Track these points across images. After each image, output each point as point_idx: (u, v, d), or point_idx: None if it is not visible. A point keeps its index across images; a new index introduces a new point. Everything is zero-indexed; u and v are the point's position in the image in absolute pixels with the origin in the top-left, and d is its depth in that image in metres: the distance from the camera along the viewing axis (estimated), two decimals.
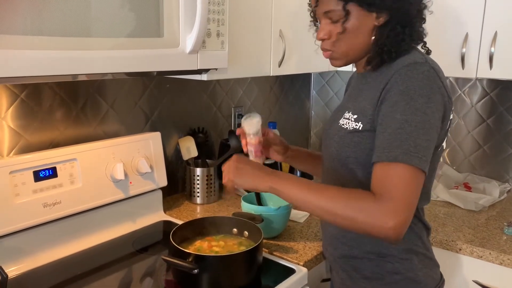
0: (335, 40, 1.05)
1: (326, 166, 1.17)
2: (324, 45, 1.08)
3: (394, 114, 0.95)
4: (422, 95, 0.94)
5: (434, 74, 0.98)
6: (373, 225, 0.90)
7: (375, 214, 0.90)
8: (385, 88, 0.98)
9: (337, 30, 1.03)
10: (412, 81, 0.95)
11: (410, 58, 1.00)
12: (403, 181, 0.91)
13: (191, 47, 1.18)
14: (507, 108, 1.99)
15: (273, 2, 1.55)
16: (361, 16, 1.01)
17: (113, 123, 1.55)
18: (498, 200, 1.85)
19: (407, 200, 0.91)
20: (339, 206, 0.94)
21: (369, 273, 1.10)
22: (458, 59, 1.68)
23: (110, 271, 1.24)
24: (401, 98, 0.95)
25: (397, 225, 0.89)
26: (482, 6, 1.64)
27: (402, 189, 0.91)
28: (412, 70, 0.97)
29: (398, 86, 0.96)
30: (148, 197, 1.55)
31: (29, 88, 1.31)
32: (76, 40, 0.97)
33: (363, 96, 1.06)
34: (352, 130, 1.04)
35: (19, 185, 1.20)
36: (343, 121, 1.08)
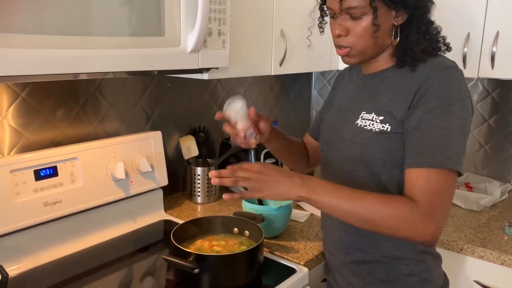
0: (354, 37, 1.02)
1: (339, 169, 1.12)
2: (339, 41, 1.04)
3: (433, 120, 0.95)
4: (459, 100, 0.95)
5: (463, 76, 0.99)
6: (415, 233, 0.92)
7: (417, 223, 0.92)
8: (419, 92, 0.97)
9: (359, 27, 1.00)
10: (449, 86, 0.96)
11: (442, 62, 1.00)
12: (445, 187, 0.94)
13: (192, 46, 1.17)
14: (508, 108, 1.98)
15: (274, 1, 1.54)
16: (382, 14, 0.99)
17: (114, 122, 1.55)
18: (500, 200, 1.84)
19: (446, 206, 0.95)
20: (381, 215, 0.92)
21: (384, 276, 1.09)
22: (460, 58, 1.68)
23: (110, 270, 1.24)
24: (439, 104, 0.95)
25: (436, 230, 0.92)
26: (484, 5, 1.63)
27: (443, 195, 0.94)
28: (447, 74, 0.97)
29: (435, 91, 0.96)
30: (148, 196, 1.55)
31: (30, 87, 1.31)
32: (77, 39, 0.96)
33: (384, 96, 1.04)
34: (378, 132, 1.02)
35: (20, 184, 1.20)
36: (364, 122, 1.05)
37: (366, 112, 1.06)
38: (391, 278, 1.08)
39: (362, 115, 1.06)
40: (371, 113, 1.04)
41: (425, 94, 0.96)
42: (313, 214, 1.63)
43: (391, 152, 1.01)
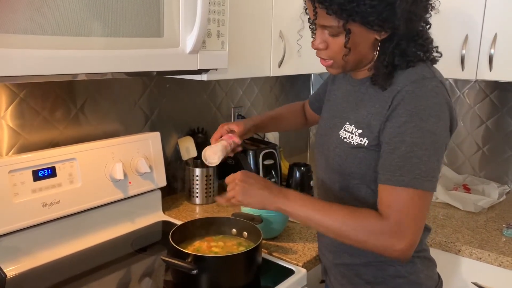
0: (332, 52, 1.00)
1: (323, 176, 1.15)
2: (320, 54, 1.04)
3: (403, 136, 0.93)
4: (432, 115, 0.92)
5: (442, 88, 0.95)
6: (383, 248, 0.93)
7: (384, 238, 0.92)
8: (392, 105, 0.95)
9: (335, 45, 0.98)
10: (420, 100, 0.92)
11: (417, 73, 0.96)
12: (413, 205, 0.92)
13: (191, 47, 1.17)
14: (506, 110, 1.99)
15: (273, 3, 1.55)
16: (362, 32, 0.95)
17: (113, 123, 1.55)
18: (497, 201, 1.85)
19: (417, 224, 0.93)
20: (349, 228, 0.95)
21: (371, 278, 1.09)
22: (458, 60, 1.69)
23: (108, 271, 1.23)
24: (410, 118, 0.92)
25: (406, 247, 0.92)
26: (482, 8, 1.64)
27: (412, 213, 0.92)
28: (420, 87, 0.93)
29: (406, 105, 0.93)
30: (147, 197, 1.55)
31: (28, 88, 1.31)
32: (76, 39, 0.96)
33: (365, 108, 1.03)
34: (356, 146, 1.02)
35: (18, 185, 1.19)
36: (345, 134, 1.05)
37: (349, 123, 1.05)
38: (378, 280, 1.09)
39: (346, 126, 1.06)
40: (352, 125, 1.04)
41: (396, 107, 0.94)
42: None
43: (369, 166, 1.01)
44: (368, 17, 0.91)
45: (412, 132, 0.92)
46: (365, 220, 0.94)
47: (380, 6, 0.90)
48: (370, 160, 1.00)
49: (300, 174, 1.82)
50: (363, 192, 1.04)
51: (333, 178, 1.11)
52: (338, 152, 1.06)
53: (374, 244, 0.93)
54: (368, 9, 0.90)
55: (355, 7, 0.90)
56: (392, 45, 0.96)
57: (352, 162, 1.03)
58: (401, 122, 0.93)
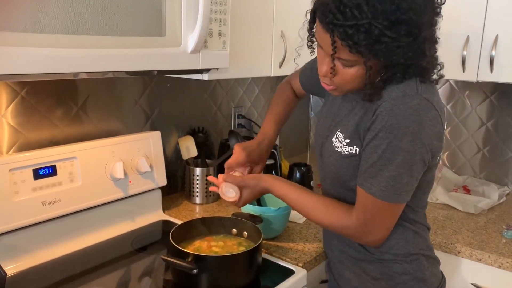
0: (341, 80, 0.97)
1: (326, 177, 1.17)
2: (325, 80, 1.00)
3: (376, 148, 0.95)
4: (407, 133, 0.91)
5: (426, 105, 0.93)
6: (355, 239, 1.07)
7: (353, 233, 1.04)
8: (373, 116, 0.96)
9: (346, 75, 0.95)
10: (397, 118, 0.91)
11: (399, 89, 0.94)
12: (378, 212, 0.99)
13: (192, 46, 1.17)
14: (507, 111, 1.99)
15: (275, 3, 1.55)
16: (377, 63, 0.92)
17: (113, 122, 1.55)
18: (497, 203, 1.85)
19: (384, 227, 1.02)
20: (326, 219, 1.07)
21: (378, 274, 1.11)
22: (459, 62, 1.69)
23: (109, 270, 1.23)
24: (384, 134, 0.93)
25: (374, 240, 1.04)
26: (483, 9, 1.64)
27: (377, 218, 1.00)
28: (399, 105, 0.92)
29: (382, 121, 0.93)
30: (147, 197, 1.54)
31: (29, 86, 1.31)
32: (77, 38, 0.96)
33: (353, 118, 1.03)
34: (348, 155, 1.03)
35: (19, 183, 1.19)
36: (337, 143, 1.06)
37: (340, 131, 1.06)
38: (384, 276, 1.10)
39: (337, 134, 1.07)
40: (342, 134, 1.05)
41: (375, 120, 0.94)
42: None
43: None
44: (393, 56, 0.88)
45: (385, 148, 0.93)
46: (339, 215, 1.04)
47: (408, 46, 0.87)
48: None
49: (300, 174, 1.82)
50: None
51: (333, 183, 1.13)
52: (332, 161, 1.09)
53: (345, 235, 1.07)
54: (394, 49, 0.87)
55: (383, 48, 0.86)
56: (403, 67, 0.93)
57: (347, 170, 1.05)
58: (376, 136, 0.95)
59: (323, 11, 0.88)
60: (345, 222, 1.03)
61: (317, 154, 1.20)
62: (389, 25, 0.83)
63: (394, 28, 0.84)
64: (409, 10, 0.83)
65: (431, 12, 0.89)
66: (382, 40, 0.84)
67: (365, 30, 0.84)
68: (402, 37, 0.85)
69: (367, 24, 0.83)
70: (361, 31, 0.84)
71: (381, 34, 0.84)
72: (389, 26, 0.83)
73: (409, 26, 0.84)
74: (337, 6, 0.85)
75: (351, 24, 0.84)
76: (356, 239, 1.06)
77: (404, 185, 0.95)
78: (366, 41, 0.85)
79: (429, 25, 0.88)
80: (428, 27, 0.88)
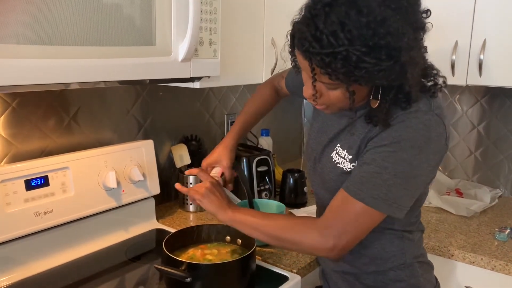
0: (327, 101, 0.95)
1: (319, 191, 1.16)
2: (311, 101, 0.97)
3: (376, 155, 0.93)
4: (414, 147, 0.91)
5: (436, 121, 0.93)
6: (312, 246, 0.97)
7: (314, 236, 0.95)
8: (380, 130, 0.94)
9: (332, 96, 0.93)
10: (407, 131, 0.91)
11: (413, 106, 0.93)
12: (354, 216, 0.93)
13: (183, 55, 1.18)
14: (497, 114, 2.01)
15: (265, 10, 1.56)
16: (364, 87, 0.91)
17: (106, 131, 1.55)
18: (489, 205, 1.86)
19: (353, 234, 0.95)
20: (287, 232, 1.00)
21: (371, 282, 1.10)
22: (449, 66, 1.70)
23: (102, 280, 1.23)
24: (390, 144, 0.91)
25: (335, 246, 0.94)
26: (471, 14, 1.66)
27: (349, 222, 0.94)
28: (412, 119, 0.91)
29: (392, 132, 0.92)
30: (140, 205, 1.54)
31: (20, 97, 1.31)
32: (68, 48, 0.97)
33: (356, 132, 1.01)
34: (350, 171, 1.01)
35: (10, 194, 1.19)
36: (337, 158, 1.04)
37: (341, 146, 1.04)
38: (378, 284, 1.10)
39: (337, 148, 1.05)
40: (344, 150, 1.03)
41: (383, 131, 0.94)
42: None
43: None
44: (375, 80, 0.86)
45: (386, 156, 0.91)
46: (301, 222, 1.00)
47: (389, 69, 0.84)
48: None
49: (293, 181, 1.82)
50: None
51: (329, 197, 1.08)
52: (333, 177, 1.06)
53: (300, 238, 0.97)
54: (375, 73, 0.83)
55: (364, 73, 0.83)
56: (393, 91, 0.91)
57: None
58: (380, 145, 0.93)
59: (300, 38, 0.86)
60: (311, 223, 0.97)
61: (310, 168, 1.18)
62: (368, 51, 0.80)
63: (374, 53, 0.81)
64: (387, 34, 0.80)
65: (410, 34, 0.83)
66: (362, 66, 0.82)
67: (342, 57, 0.81)
68: (383, 61, 0.82)
69: (344, 51, 0.80)
70: (338, 58, 0.81)
71: (360, 60, 0.81)
72: (367, 52, 0.80)
73: (389, 50, 0.81)
74: (313, 34, 0.83)
75: (327, 52, 0.81)
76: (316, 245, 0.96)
77: (399, 198, 0.92)
78: (344, 68, 0.82)
79: (409, 48, 0.83)
80: (409, 50, 0.83)
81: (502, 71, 1.64)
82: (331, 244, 0.93)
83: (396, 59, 0.82)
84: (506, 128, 1.99)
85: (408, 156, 0.91)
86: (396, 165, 0.91)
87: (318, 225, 0.97)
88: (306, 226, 0.98)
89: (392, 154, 0.91)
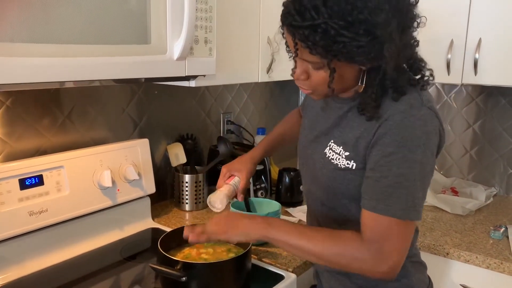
0: (313, 83, 0.96)
1: (310, 187, 1.15)
2: (300, 84, 0.99)
3: (390, 165, 0.92)
4: (419, 145, 0.91)
5: (431, 114, 0.94)
6: (366, 271, 0.95)
7: (367, 263, 0.93)
8: (378, 132, 0.94)
9: (318, 77, 0.94)
10: (408, 131, 0.91)
11: (405, 101, 0.94)
12: (397, 233, 0.93)
13: (178, 53, 1.18)
14: (492, 113, 2.02)
15: (261, 9, 1.55)
16: (346, 66, 0.92)
17: (101, 130, 1.54)
18: (485, 204, 1.87)
19: (400, 248, 0.94)
20: (330, 253, 0.95)
21: (363, 282, 1.10)
22: (444, 65, 1.71)
23: (98, 279, 1.22)
24: (397, 149, 0.91)
25: (390, 268, 0.93)
26: (466, 13, 1.67)
27: (396, 240, 0.93)
28: (408, 117, 0.92)
29: (394, 135, 0.92)
30: (136, 205, 1.54)
31: (15, 95, 1.30)
32: (63, 47, 0.96)
33: (351, 130, 1.00)
34: (344, 168, 1.01)
35: (4, 193, 1.18)
36: (332, 154, 1.04)
37: (335, 142, 1.04)
38: (371, 283, 1.09)
39: (331, 144, 1.05)
40: (339, 146, 1.02)
41: (383, 136, 0.93)
42: (301, 221, 1.64)
43: (357, 187, 0.99)
44: (355, 57, 0.88)
45: (400, 163, 0.91)
46: (347, 244, 0.95)
47: (368, 46, 0.86)
48: (359, 181, 0.99)
49: (289, 179, 1.82)
50: (352, 210, 1.04)
51: (321, 194, 1.11)
52: (325, 172, 1.06)
53: (357, 268, 0.95)
54: (354, 50, 0.86)
55: (341, 48, 0.86)
56: (379, 77, 0.93)
57: (341, 183, 1.03)
58: (389, 152, 0.92)
59: (285, 14, 0.90)
60: (361, 253, 0.93)
61: (301, 164, 1.18)
62: (346, 25, 0.84)
63: (352, 28, 0.84)
64: (365, 9, 0.83)
65: (389, 12, 0.86)
66: (339, 40, 0.84)
67: (322, 30, 0.84)
68: (361, 36, 0.85)
69: (323, 24, 0.84)
70: (318, 32, 0.85)
71: (338, 34, 0.84)
72: (345, 26, 0.84)
73: (366, 26, 0.84)
74: (296, 8, 0.86)
75: (307, 25, 0.85)
76: (372, 271, 0.94)
77: (419, 199, 0.93)
78: (323, 41, 0.85)
79: (386, 24, 0.85)
80: (386, 26, 0.85)
81: (497, 70, 1.64)
82: (381, 268, 0.93)
83: (374, 36, 0.85)
84: (501, 126, 2.00)
85: (418, 155, 0.91)
86: (411, 169, 0.91)
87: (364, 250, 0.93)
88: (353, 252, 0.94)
89: (404, 159, 0.91)
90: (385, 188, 0.92)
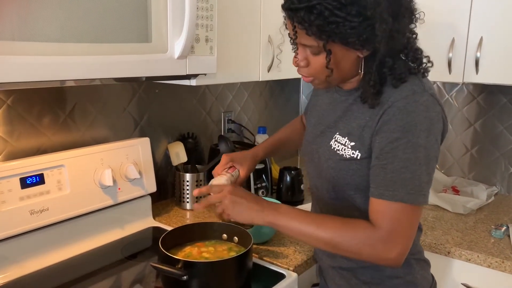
0: (313, 70, 1.00)
1: (316, 183, 1.16)
2: (301, 71, 1.03)
3: (395, 151, 0.93)
4: (423, 130, 0.93)
5: (433, 101, 0.96)
6: (376, 257, 0.96)
7: (377, 248, 0.94)
8: (382, 118, 0.95)
9: (317, 63, 0.98)
10: (412, 116, 0.93)
11: (408, 88, 0.96)
12: (405, 218, 0.95)
13: (179, 52, 1.17)
14: (493, 112, 2.01)
15: (262, 8, 1.55)
16: (343, 51, 0.95)
17: (102, 129, 1.54)
18: (486, 203, 1.87)
19: (407, 233, 0.95)
20: (341, 240, 0.96)
21: (369, 278, 1.11)
22: (445, 63, 1.70)
23: (99, 278, 1.22)
24: (402, 135, 0.93)
25: (398, 255, 0.94)
26: (468, 12, 1.66)
27: (404, 224, 0.95)
28: (411, 102, 0.94)
29: (398, 121, 0.93)
30: (137, 203, 1.54)
31: (16, 94, 1.30)
32: (63, 45, 0.96)
33: (356, 120, 1.02)
34: (349, 158, 1.02)
35: (5, 192, 1.18)
36: (337, 145, 1.05)
37: (340, 134, 1.05)
38: (375, 280, 1.10)
39: (336, 136, 1.06)
40: (345, 137, 1.04)
41: (387, 122, 0.95)
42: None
43: (363, 177, 1.01)
44: (348, 38, 0.91)
45: (405, 148, 0.93)
46: (357, 231, 0.96)
47: (360, 27, 0.89)
48: (364, 171, 1.00)
49: (290, 178, 1.82)
50: (358, 201, 1.05)
51: (326, 187, 1.11)
52: (331, 164, 1.06)
53: (367, 254, 0.96)
54: (347, 30, 0.90)
55: (335, 28, 0.90)
56: (375, 63, 0.96)
57: (346, 174, 1.03)
58: (393, 138, 0.94)
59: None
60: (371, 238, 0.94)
61: (307, 162, 1.18)
62: (339, 6, 0.88)
63: (344, 8, 0.88)
64: None
65: None
66: (332, 20, 0.89)
67: (317, 11, 0.89)
68: (353, 17, 0.88)
69: (318, 5, 0.88)
70: (313, 12, 0.89)
71: (332, 14, 0.88)
72: (338, 7, 0.88)
73: (358, 7, 0.88)
74: None
75: (303, 6, 0.90)
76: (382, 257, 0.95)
77: (426, 184, 0.95)
78: (317, 22, 0.89)
79: (376, 4, 0.88)
80: (375, 6, 0.88)
81: (498, 68, 1.64)
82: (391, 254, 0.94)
83: (365, 17, 0.89)
84: (502, 125, 2.00)
85: (422, 140, 0.93)
86: (416, 153, 0.93)
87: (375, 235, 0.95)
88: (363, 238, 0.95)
89: (409, 144, 0.93)
90: (391, 174, 0.94)
